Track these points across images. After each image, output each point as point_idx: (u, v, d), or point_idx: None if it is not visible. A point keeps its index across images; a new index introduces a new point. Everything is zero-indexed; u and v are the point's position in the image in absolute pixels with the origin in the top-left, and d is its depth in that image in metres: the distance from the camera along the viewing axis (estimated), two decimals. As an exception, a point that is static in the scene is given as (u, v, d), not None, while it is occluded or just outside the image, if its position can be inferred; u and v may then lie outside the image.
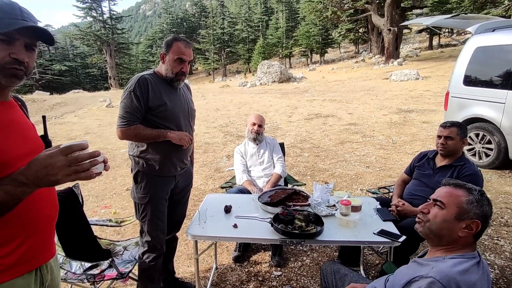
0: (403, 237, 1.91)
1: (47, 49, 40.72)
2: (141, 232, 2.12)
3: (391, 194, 2.89)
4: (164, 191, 2.09)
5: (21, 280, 1.04)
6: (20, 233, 1.03)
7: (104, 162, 0.96)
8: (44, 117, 1.26)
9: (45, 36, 1.05)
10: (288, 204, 2.35)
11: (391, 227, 2.07)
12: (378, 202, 2.46)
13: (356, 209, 2.15)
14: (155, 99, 1.95)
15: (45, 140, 1.20)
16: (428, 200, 1.34)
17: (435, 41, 31.77)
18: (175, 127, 2.04)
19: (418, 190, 2.51)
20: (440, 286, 1.05)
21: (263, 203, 2.37)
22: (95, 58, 40.69)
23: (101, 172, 0.94)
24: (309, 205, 2.34)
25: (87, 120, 11.31)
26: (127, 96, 1.93)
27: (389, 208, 2.40)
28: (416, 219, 1.34)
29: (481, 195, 1.23)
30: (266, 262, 2.81)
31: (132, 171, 2.09)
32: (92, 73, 45.21)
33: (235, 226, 2.10)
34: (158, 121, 1.99)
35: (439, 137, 2.45)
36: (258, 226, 2.10)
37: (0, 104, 1.04)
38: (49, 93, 21.57)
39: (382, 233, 1.97)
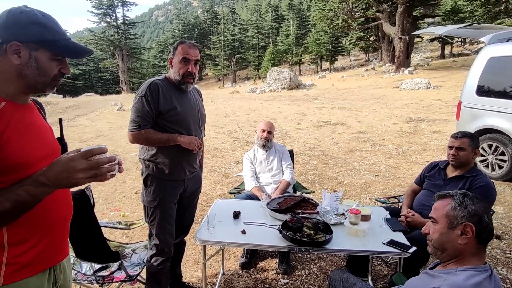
0: (413, 248, 1.88)
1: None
2: (150, 235, 2.14)
3: (400, 204, 2.85)
4: (173, 195, 2.11)
5: (35, 279, 1.07)
6: (36, 233, 1.05)
7: (119, 164, 1.00)
8: (60, 120, 1.30)
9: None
10: (296, 212, 2.35)
11: (401, 237, 2.04)
12: (388, 212, 2.44)
13: (365, 218, 2.13)
14: (166, 104, 1.98)
15: (61, 142, 1.23)
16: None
17: (447, 50, 31.52)
18: (185, 132, 2.07)
19: (429, 201, 2.48)
20: None
21: (272, 209, 2.37)
22: (108, 62, 41.42)
23: (115, 174, 0.99)
24: (317, 213, 2.33)
25: (98, 123, 11.49)
26: (138, 100, 1.96)
27: (398, 219, 2.38)
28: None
29: (464, 196, 1.25)
30: (273, 270, 2.80)
31: (142, 175, 2.12)
32: (104, 77, 46.01)
33: (243, 232, 2.10)
34: (168, 125, 2.02)
35: (450, 147, 2.42)
36: (267, 233, 2.10)
37: (22, 107, 1.08)
38: (62, 96, 21.98)
39: (392, 243, 1.94)
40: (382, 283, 2.62)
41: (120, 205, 4.38)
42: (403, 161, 5.73)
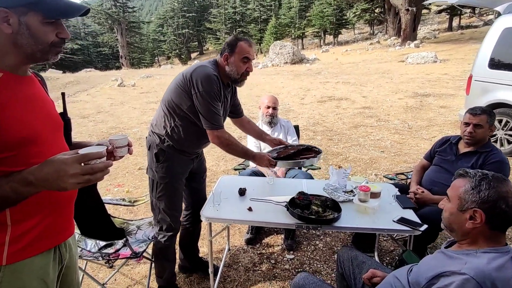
0: (425, 226, 1.83)
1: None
2: (155, 209, 2.09)
3: (409, 180, 2.80)
4: (185, 171, 2.11)
5: (40, 258, 1.04)
6: (40, 211, 1.02)
7: (129, 145, 0.96)
8: (63, 94, 1.23)
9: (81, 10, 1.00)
10: (295, 158, 2.23)
11: (411, 215, 2.00)
12: (398, 189, 2.38)
13: (375, 195, 2.07)
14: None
15: (64, 118, 1.17)
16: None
17: (455, 22, 30.45)
18: None
19: (439, 177, 2.41)
20: (475, 284, 0.99)
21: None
22: (106, 37, 40.62)
23: (124, 155, 0.95)
24: (315, 156, 2.23)
25: (99, 98, 11.34)
26: (210, 97, 1.87)
27: (407, 195, 2.32)
28: None
29: (481, 180, 1.16)
30: (278, 245, 2.80)
31: (152, 149, 2.03)
32: (103, 52, 45.22)
33: (249, 209, 2.06)
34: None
35: (467, 124, 2.29)
36: (273, 210, 2.05)
37: (21, 79, 1.01)
38: (61, 71, 21.66)
39: (402, 221, 1.90)
40: (388, 258, 2.62)
41: (124, 181, 4.36)
42: (409, 137, 5.65)
